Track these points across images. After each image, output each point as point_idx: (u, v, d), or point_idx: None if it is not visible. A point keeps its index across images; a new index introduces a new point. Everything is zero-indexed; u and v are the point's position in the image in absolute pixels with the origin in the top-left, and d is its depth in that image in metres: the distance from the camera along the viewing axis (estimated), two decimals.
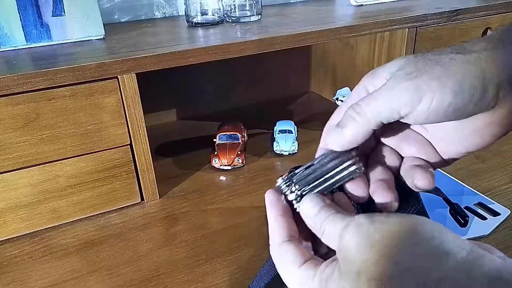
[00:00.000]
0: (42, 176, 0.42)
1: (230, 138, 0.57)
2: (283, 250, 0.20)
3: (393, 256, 0.16)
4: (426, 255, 0.16)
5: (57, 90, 0.40)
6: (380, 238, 0.17)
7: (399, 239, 0.17)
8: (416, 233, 0.17)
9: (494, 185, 0.47)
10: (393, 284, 0.16)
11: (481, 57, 0.20)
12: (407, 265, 0.16)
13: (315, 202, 0.20)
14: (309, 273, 0.19)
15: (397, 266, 0.16)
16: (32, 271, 0.38)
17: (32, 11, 0.49)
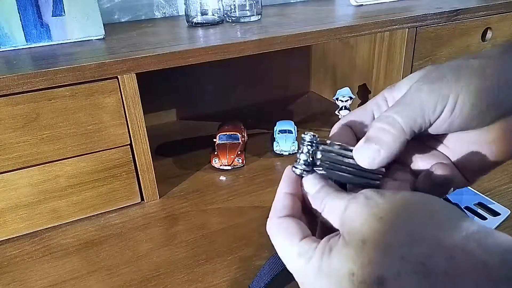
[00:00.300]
0: (42, 176, 0.42)
1: (230, 138, 0.57)
2: (283, 223, 0.19)
3: (404, 226, 0.15)
4: (438, 226, 0.15)
5: (57, 90, 0.40)
6: (391, 209, 0.16)
7: (411, 210, 0.16)
8: (428, 206, 0.16)
9: (494, 185, 0.47)
10: (403, 252, 0.15)
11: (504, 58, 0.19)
12: (418, 235, 0.15)
13: (317, 180, 0.20)
14: (310, 245, 0.18)
15: (408, 236, 0.15)
16: (32, 271, 0.38)
17: (32, 11, 0.49)
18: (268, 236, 0.20)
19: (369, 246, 0.16)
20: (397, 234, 0.15)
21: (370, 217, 0.16)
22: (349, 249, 0.16)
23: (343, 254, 0.16)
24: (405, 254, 0.15)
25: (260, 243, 0.40)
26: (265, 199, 0.48)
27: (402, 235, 0.15)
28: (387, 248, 0.15)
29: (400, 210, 0.16)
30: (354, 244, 0.16)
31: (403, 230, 0.15)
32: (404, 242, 0.15)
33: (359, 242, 0.16)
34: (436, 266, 0.14)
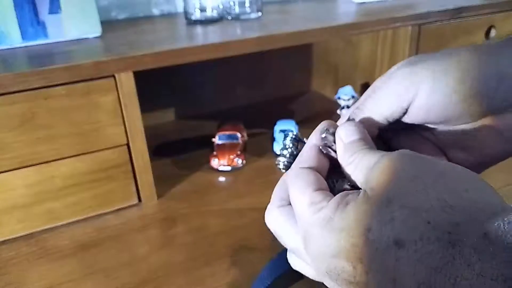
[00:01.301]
0: (38, 177, 0.42)
1: (229, 138, 0.56)
2: (302, 173, 0.18)
3: (437, 190, 0.14)
4: (474, 201, 0.14)
5: (53, 89, 0.39)
6: (427, 171, 0.15)
7: (448, 178, 0.15)
8: (469, 181, 0.15)
9: (496, 186, 0.46)
10: (430, 217, 0.14)
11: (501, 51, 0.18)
12: (451, 202, 0.14)
13: (357, 130, 0.18)
14: (325, 197, 0.16)
15: (439, 201, 0.14)
16: (28, 273, 0.38)
17: (29, 9, 0.48)
18: (267, 238, 0.19)
19: (395, 205, 0.14)
20: (428, 198, 0.14)
21: (401, 175, 0.15)
22: (370, 205, 0.15)
23: (361, 209, 0.15)
24: (432, 220, 0.13)
25: (261, 245, 0.39)
26: (265, 201, 0.47)
27: (433, 199, 0.14)
28: (414, 210, 0.14)
29: (437, 175, 0.15)
30: (377, 200, 0.14)
31: (435, 194, 0.14)
32: (434, 206, 0.14)
33: (383, 199, 0.14)
34: (465, 238, 0.13)
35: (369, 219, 0.14)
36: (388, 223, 0.14)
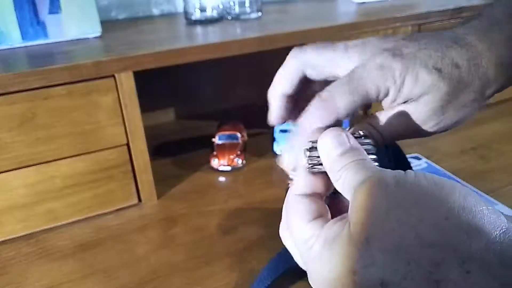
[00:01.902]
0: (38, 177, 0.42)
1: (229, 138, 0.56)
2: (295, 201, 0.18)
3: (415, 227, 0.14)
4: (454, 230, 0.14)
5: (53, 89, 0.39)
6: (401, 203, 0.14)
7: (426, 208, 0.14)
8: (447, 202, 0.14)
9: (497, 186, 0.46)
10: (410, 256, 0.13)
11: (501, 87, 0.21)
12: (429, 238, 0.14)
13: (340, 141, 0.17)
14: (315, 232, 0.16)
15: (417, 239, 0.14)
16: (28, 273, 0.38)
17: (29, 9, 0.48)
18: (267, 238, 0.19)
19: (374, 246, 0.14)
20: (406, 235, 0.14)
21: (376, 211, 0.14)
22: (352, 246, 0.15)
23: (345, 250, 0.15)
24: (412, 260, 0.14)
25: (260, 246, 0.39)
26: (266, 201, 0.47)
27: (410, 236, 0.14)
28: (393, 250, 0.14)
29: (412, 205, 0.14)
30: (357, 241, 0.15)
31: (412, 231, 0.14)
32: (413, 244, 0.14)
33: (363, 240, 0.14)
34: (446, 276, 0.13)
35: (353, 263, 0.15)
36: (370, 266, 0.14)
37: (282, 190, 0.36)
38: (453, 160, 0.52)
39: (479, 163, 0.52)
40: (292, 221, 0.18)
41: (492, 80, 0.20)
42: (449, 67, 0.20)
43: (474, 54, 0.20)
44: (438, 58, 0.20)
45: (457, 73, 0.20)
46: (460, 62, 0.20)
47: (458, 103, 0.20)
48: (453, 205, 0.14)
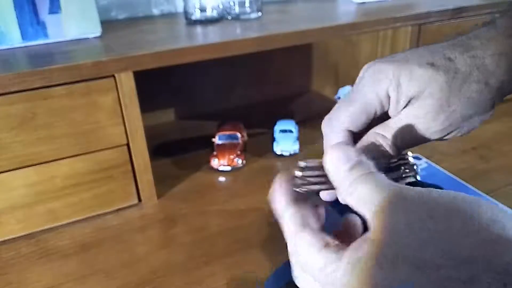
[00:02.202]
0: (38, 177, 0.42)
1: (229, 138, 0.56)
2: (299, 237, 0.18)
3: (445, 242, 0.13)
4: (487, 243, 0.13)
5: (53, 89, 0.39)
6: (428, 219, 0.14)
7: (455, 223, 0.14)
8: (477, 215, 0.14)
9: (498, 186, 0.46)
10: (443, 275, 0.13)
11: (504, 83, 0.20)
12: (464, 256, 0.13)
13: (347, 155, 0.17)
14: (334, 256, 0.16)
15: (450, 255, 0.13)
16: (28, 273, 0.38)
17: (29, 9, 0.48)
18: (267, 238, 0.19)
19: (399, 265, 0.14)
20: (437, 253, 0.14)
21: (403, 228, 0.14)
22: (378, 265, 0.14)
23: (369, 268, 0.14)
24: (445, 276, 0.13)
25: (260, 246, 0.39)
26: (265, 201, 0.47)
27: (441, 256, 0.13)
28: (417, 269, 0.14)
29: (440, 223, 0.14)
30: (384, 259, 0.14)
31: (442, 248, 0.14)
32: (445, 261, 0.13)
33: (390, 257, 0.14)
34: None
35: (379, 281, 0.14)
36: (398, 284, 0.14)
37: None
38: (453, 160, 0.52)
39: (479, 163, 0.52)
40: (304, 254, 0.17)
41: (492, 71, 0.20)
42: (441, 60, 0.20)
43: (468, 48, 0.21)
44: (429, 55, 0.21)
45: (452, 65, 0.20)
46: (453, 56, 0.20)
47: (463, 95, 0.20)
48: (482, 218, 0.14)
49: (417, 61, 0.20)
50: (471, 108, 0.20)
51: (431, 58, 0.20)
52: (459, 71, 0.20)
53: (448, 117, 0.20)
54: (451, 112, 0.20)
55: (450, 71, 0.20)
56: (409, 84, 0.20)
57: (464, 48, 0.21)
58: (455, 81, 0.20)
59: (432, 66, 0.20)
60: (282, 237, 0.23)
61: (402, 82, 0.20)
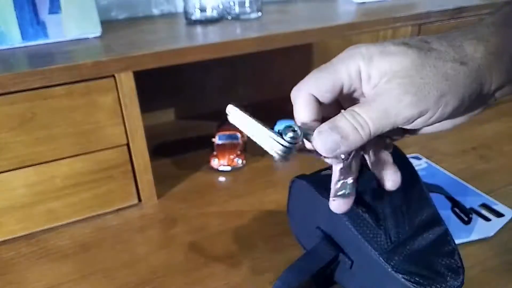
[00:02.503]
0: (38, 177, 0.42)
1: (229, 138, 0.56)
2: None
3: None
4: None
5: (53, 89, 0.39)
6: None
7: None
8: None
9: (498, 186, 0.46)
10: None
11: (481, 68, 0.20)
12: None
13: None
14: None
15: None
16: (28, 273, 0.38)
17: (29, 9, 0.48)
18: (267, 238, 0.19)
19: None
20: None
21: None
22: None
23: None
24: None
25: (260, 246, 0.39)
26: (266, 201, 0.47)
27: None
28: None
29: None
30: None
31: None
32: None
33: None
34: None
35: None
36: None
37: (282, 190, 0.36)
38: (453, 160, 0.52)
39: (479, 163, 0.52)
40: None
41: (469, 53, 0.20)
42: (417, 42, 0.21)
43: (447, 36, 0.21)
44: (406, 39, 0.21)
45: (427, 45, 0.20)
46: (429, 40, 0.21)
47: (437, 70, 0.19)
48: None
49: (392, 42, 0.21)
50: (446, 85, 0.19)
51: (407, 40, 0.21)
52: (433, 49, 0.20)
53: (421, 90, 0.19)
54: (424, 84, 0.19)
55: (423, 49, 0.20)
56: (380, 59, 0.20)
57: (442, 36, 0.21)
58: (428, 55, 0.20)
59: (406, 44, 0.20)
60: (282, 237, 0.23)
61: (374, 57, 0.20)
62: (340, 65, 0.22)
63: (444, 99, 0.20)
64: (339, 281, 0.32)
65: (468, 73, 0.20)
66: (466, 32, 0.21)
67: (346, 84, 0.22)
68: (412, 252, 0.27)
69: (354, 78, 0.21)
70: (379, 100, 0.20)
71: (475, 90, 0.20)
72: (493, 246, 0.37)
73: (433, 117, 0.20)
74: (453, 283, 0.26)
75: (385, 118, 0.20)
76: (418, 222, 0.28)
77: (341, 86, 0.22)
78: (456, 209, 0.40)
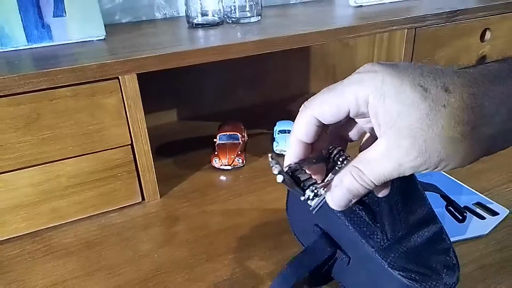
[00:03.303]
0: (43, 176, 0.42)
1: (230, 138, 0.57)
2: None
3: None
4: None
5: (58, 91, 0.40)
6: None
7: None
8: None
9: (493, 185, 0.47)
10: None
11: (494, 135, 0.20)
12: None
13: None
14: None
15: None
16: (33, 270, 0.38)
17: (33, 12, 0.49)
18: (267, 236, 0.20)
19: None
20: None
21: None
22: None
23: None
24: None
25: (260, 243, 0.40)
26: (265, 199, 0.48)
27: None
28: None
29: None
30: None
31: None
32: None
33: None
34: None
35: None
36: None
37: (281, 189, 0.37)
38: None
39: (475, 163, 0.52)
40: None
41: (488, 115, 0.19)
42: (438, 87, 0.18)
43: (471, 81, 0.19)
44: (428, 78, 0.19)
45: (444, 97, 0.18)
46: (452, 87, 0.19)
47: (445, 138, 0.18)
48: None
49: (412, 80, 0.19)
50: (450, 150, 0.19)
51: (428, 82, 0.19)
52: (449, 105, 0.18)
53: (423, 154, 0.19)
54: (426, 148, 0.19)
55: (438, 102, 0.18)
56: (392, 103, 0.19)
57: (467, 83, 0.19)
58: (441, 113, 0.18)
59: (424, 91, 0.19)
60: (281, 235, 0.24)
61: (386, 97, 0.19)
62: (348, 89, 0.21)
63: (444, 163, 0.19)
64: (336, 277, 0.33)
65: (482, 139, 0.19)
66: (493, 83, 0.19)
67: (353, 108, 0.21)
68: (408, 249, 0.27)
69: (362, 104, 0.21)
70: (381, 156, 0.20)
71: (480, 155, 0.19)
72: (488, 244, 0.37)
73: (439, 168, 0.20)
74: (449, 280, 0.26)
75: (385, 168, 0.20)
76: (414, 220, 0.29)
77: (347, 111, 0.21)
78: (450, 208, 0.41)
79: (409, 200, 0.30)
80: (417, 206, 0.30)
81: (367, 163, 0.21)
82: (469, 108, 0.18)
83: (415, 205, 0.30)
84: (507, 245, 0.37)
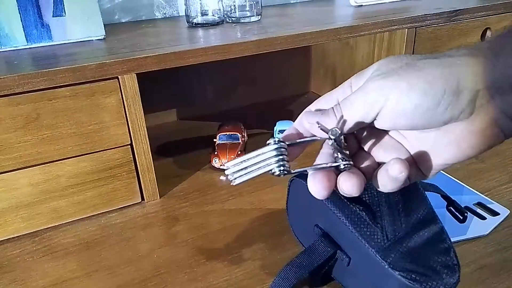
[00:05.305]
0: (42, 176, 0.42)
1: (230, 138, 0.57)
2: None
3: None
4: None
5: (57, 90, 0.40)
6: None
7: None
8: None
9: (493, 185, 0.47)
10: None
11: (458, 62, 0.20)
12: None
13: None
14: None
15: None
16: (32, 270, 0.38)
17: (33, 12, 0.49)
18: (267, 236, 0.20)
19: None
20: None
21: None
22: None
23: None
24: None
25: (260, 243, 0.40)
26: (265, 199, 0.48)
27: None
28: None
29: None
30: None
31: None
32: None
33: None
34: None
35: None
36: None
37: (281, 189, 0.37)
38: None
39: (474, 162, 0.52)
40: None
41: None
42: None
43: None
44: None
45: None
46: None
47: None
48: None
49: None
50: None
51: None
52: None
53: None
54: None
55: None
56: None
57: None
58: None
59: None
60: (281, 235, 0.24)
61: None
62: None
63: (406, 82, 0.20)
64: (336, 277, 0.33)
65: (439, 62, 0.20)
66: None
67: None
68: (408, 250, 0.27)
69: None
70: (353, 93, 0.23)
71: (448, 81, 0.19)
72: (489, 244, 0.37)
73: (400, 102, 0.20)
74: (449, 280, 0.26)
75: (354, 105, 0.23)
76: (414, 220, 0.29)
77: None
78: (451, 208, 0.41)
79: (409, 200, 0.30)
80: (418, 206, 0.30)
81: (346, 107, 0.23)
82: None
83: (416, 205, 0.30)
84: (507, 245, 0.37)
